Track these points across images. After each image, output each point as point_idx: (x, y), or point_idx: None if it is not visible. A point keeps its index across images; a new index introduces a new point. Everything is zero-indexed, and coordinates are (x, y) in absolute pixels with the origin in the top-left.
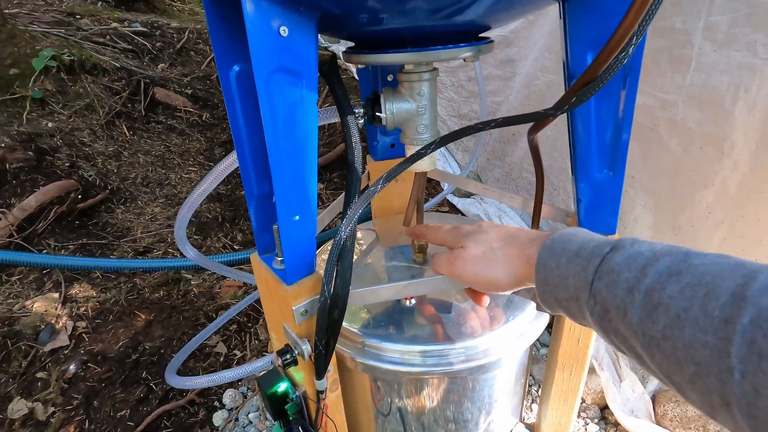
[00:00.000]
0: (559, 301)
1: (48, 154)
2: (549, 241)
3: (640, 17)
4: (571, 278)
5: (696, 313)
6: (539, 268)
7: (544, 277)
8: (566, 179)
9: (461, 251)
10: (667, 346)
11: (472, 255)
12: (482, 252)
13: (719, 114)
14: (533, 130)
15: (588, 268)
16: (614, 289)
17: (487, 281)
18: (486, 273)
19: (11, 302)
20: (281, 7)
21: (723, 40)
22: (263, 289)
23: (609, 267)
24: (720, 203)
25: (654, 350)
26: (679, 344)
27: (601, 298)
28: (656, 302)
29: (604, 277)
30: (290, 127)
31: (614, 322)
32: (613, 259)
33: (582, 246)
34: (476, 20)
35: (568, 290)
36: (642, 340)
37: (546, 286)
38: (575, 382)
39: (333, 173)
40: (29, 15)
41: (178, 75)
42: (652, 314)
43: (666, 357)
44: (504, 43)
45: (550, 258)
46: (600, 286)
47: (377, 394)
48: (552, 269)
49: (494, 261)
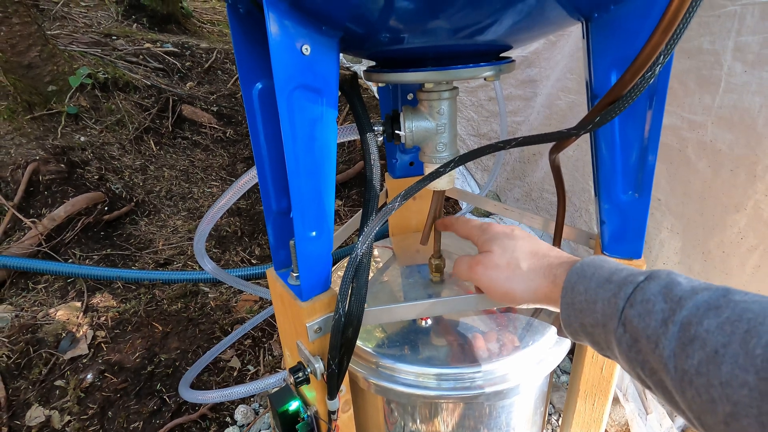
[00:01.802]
0: (584, 327)
1: (79, 167)
2: (579, 264)
3: (668, 36)
4: (600, 303)
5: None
6: (566, 290)
7: (571, 301)
8: (588, 200)
9: (485, 256)
10: (701, 382)
11: (495, 263)
12: (507, 262)
13: (751, 136)
14: (555, 149)
15: (619, 294)
16: (647, 319)
17: (504, 292)
18: (504, 284)
19: (35, 309)
20: (304, 26)
21: (754, 60)
22: (278, 305)
23: (643, 296)
24: (753, 228)
25: (686, 386)
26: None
27: (632, 327)
28: (692, 336)
29: (636, 305)
30: (309, 143)
31: (643, 353)
32: (648, 288)
33: (614, 272)
34: (497, 40)
35: (595, 316)
36: (673, 375)
37: (572, 310)
38: (598, 413)
39: (351, 190)
40: (69, 36)
41: (205, 93)
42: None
43: (699, 394)
44: (525, 64)
45: (579, 281)
46: (631, 314)
47: (390, 416)
48: (580, 293)
49: (517, 273)
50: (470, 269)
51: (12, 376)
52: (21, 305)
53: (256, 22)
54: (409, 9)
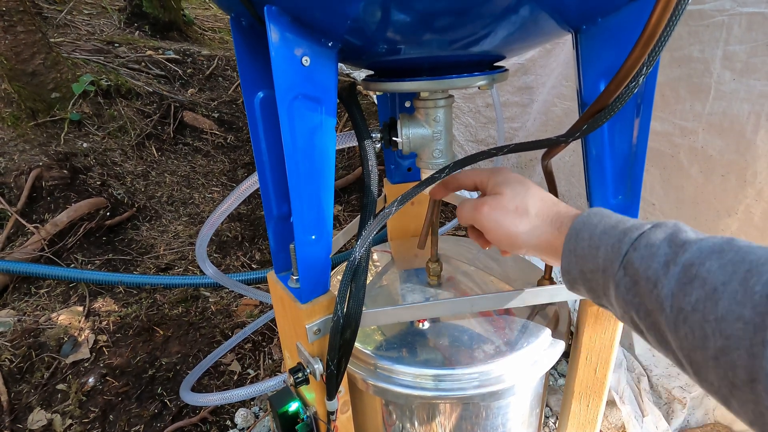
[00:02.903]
0: (583, 274)
1: (81, 173)
2: (586, 213)
3: (649, 48)
4: (603, 249)
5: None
6: (570, 237)
7: (573, 247)
8: (583, 205)
9: (493, 198)
10: (695, 318)
11: (503, 205)
12: (516, 206)
13: (740, 142)
14: (546, 156)
15: (624, 239)
16: (649, 261)
17: (507, 234)
18: (509, 227)
19: (38, 314)
20: (304, 39)
21: (742, 68)
22: (278, 307)
23: (647, 241)
24: (744, 232)
25: (680, 324)
26: (710, 317)
27: (633, 270)
28: (693, 275)
29: (640, 249)
30: (309, 150)
31: (641, 295)
32: (654, 234)
33: (620, 221)
34: (490, 51)
35: (596, 261)
36: (669, 313)
37: (573, 257)
38: (593, 414)
39: (351, 195)
40: (72, 43)
41: (206, 99)
42: (686, 287)
43: (692, 331)
44: (521, 71)
45: (584, 228)
46: (634, 257)
47: (388, 417)
48: (584, 239)
49: (524, 217)
50: (475, 209)
51: (14, 379)
52: (23, 310)
53: (258, 34)
54: (405, 22)
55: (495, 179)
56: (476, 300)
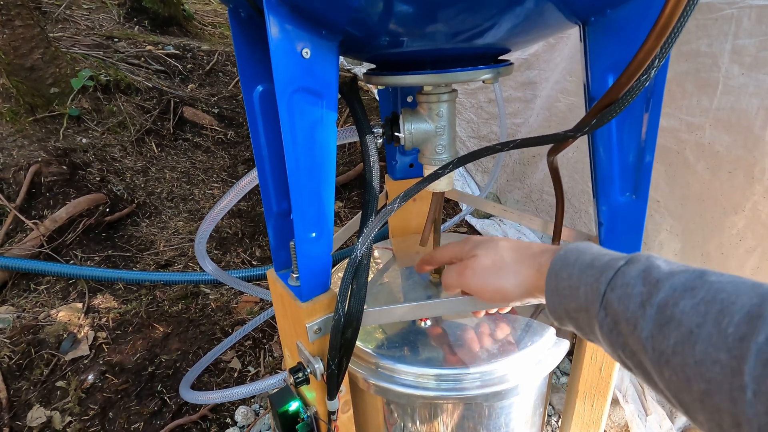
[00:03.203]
0: (568, 313)
1: (81, 169)
2: (563, 251)
3: (662, 39)
4: (582, 288)
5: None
6: (550, 277)
7: (555, 287)
8: (588, 202)
9: (471, 261)
10: (676, 362)
11: (482, 264)
12: (492, 261)
13: (749, 138)
14: (553, 151)
15: (601, 279)
16: (626, 302)
17: (495, 290)
18: (494, 282)
19: (37, 311)
20: (304, 30)
21: (752, 62)
22: (278, 306)
23: (623, 280)
24: (751, 230)
25: (663, 366)
26: (689, 360)
27: (612, 311)
28: (668, 317)
29: (617, 289)
30: (309, 145)
31: (624, 335)
32: (628, 272)
33: (596, 258)
34: (495, 43)
35: (578, 301)
36: (651, 355)
37: (556, 296)
38: (597, 414)
39: (352, 192)
40: (71, 38)
41: (206, 95)
42: (664, 329)
43: (675, 374)
44: (524, 66)
45: (563, 268)
46: (612, 298)
47: (390, 417)
48: (563, 279)
49: (504, 270)
50: (459, 276)
51: (13, 376)
52: (22, 306)
53: (257, 26)
54: (408, 13)
55: (466, 247)
56: (479, 299)
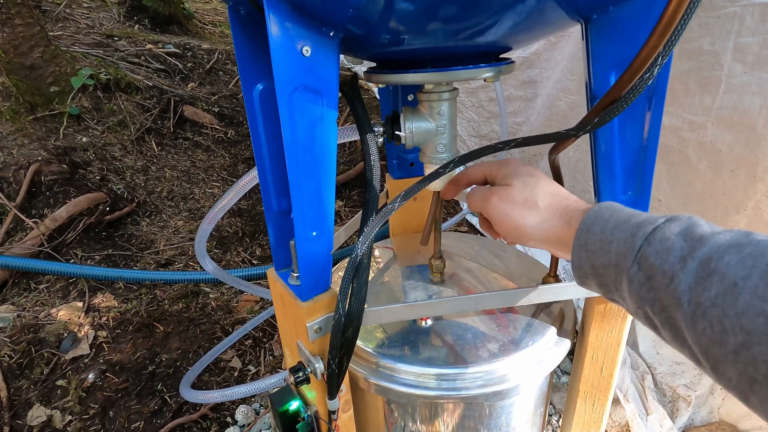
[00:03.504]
0: (594, 269)
1: (81, 168)
2: (597, 207)
3: (666, 37)
4: (615, 243)
5: (755, 281)
6: (581, 231)
7: (584, 242)
8: (589, 201)
9: (503, 189)
10: (714, 314)
11: (512, 196)
12: (525, 198)
13: (751, 137)
14: (554, 150)
15: (637, 234)
16: (664, 255)
17: (515, 226)
18: (517, 219)
19: (37, 309)
20: (305, 28)
21: (754, 61)
22: (278, 305)
23: (663, 235)
24: (754, 229)
25: (698, 319)
26: (730, 312)
27: (647, 265)
28: (711, 270)
29: (655, 243)
30: (310, 144)
31: (656, 290)
32: (668, 228)
33: (633, 215)
34: (496, 41)
35: (608, 256)
36: (686, 309)
37: (584, 252)
38: (598, 414)
39: (352, 191)
40: (71, 37)
41: (206, 94)
42: (705, 281)
43: (711, 325)
44: (525, 65)
45: (596, 222)
46: (649, 251)
47: (390, 416)
48: (595, 233)
49: (533, 211)
50: (484, 199)
51: (14, 375)
52: (23, 305)
53: (257, 23)
54: (409, 11)
55: (505, 170)
56: (481, 298)
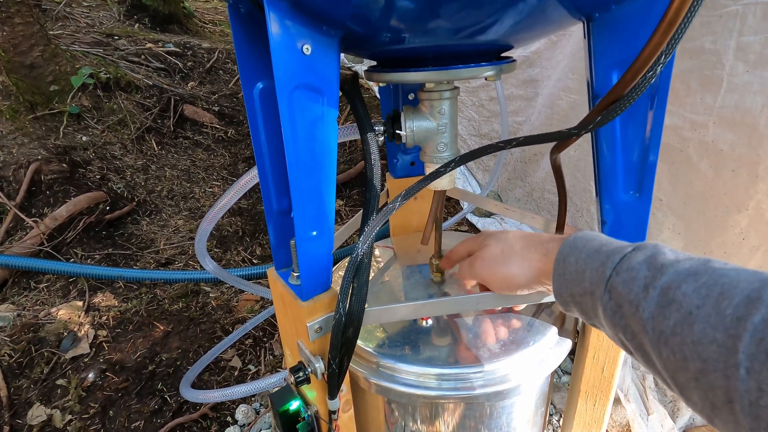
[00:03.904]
0: (573, 296)
1: (81, 167)
2: (572, 237)
3: (669, 36)
4: (588, 272)
5: (708, 310)
6: (558, 262)
7: (562, 271)
8: (589, 200)
9: (482, 251)
10: (675, 342)
11: (491, 253)
12: (501, 249)
13: (753, 136)
14: (556, 149)
15: (607, 263)
16: (630, 285)
17: (504, 278)
18: (503, 270)
19: (37, 309)
20: (305, 26)
21: (756, 60)
22: (279, 304)
23: (629, 264)
24: (755, 229)
25: (662, 346)
26: (687, 340)
27: (617, 294)
28: (670, 299)
29: (622, 273)
30: (310, 143)
31: (626, 317)
32: (634, 258)
33: (604, 244)
34: (498, 40)
35: (583, 285)
36: (651, 335)
37: (563, 280)
38: (599, 413)
39: (353, 190)
40: (71, 36)
41: (206, 93)
42: (665, 310)
43: (673, 353)
44: (526, 64)
45: (571, 253)
46: (617, 281)
47: (391, 416)
48: (571, 264)
49: (513, 257)
50: (471, 267)
51: (14, 375)
52: (23, 304)
53: (257, 22)
54: (410, 9)
55: (479, 240)
56: (481, 298)
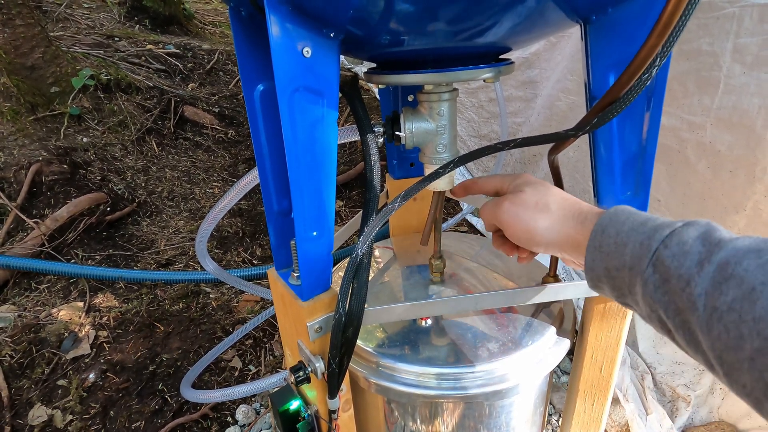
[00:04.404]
0: (608, 271)
1: (81, 168)
2: (613, 209)
3: (664, 38)
4: (630, 246)
5: None
6: (596, 233)
7: (599, 244)
8: (589, 201)
9: (515, 194)
10: (731, 319)
11: (524, 200)
12: (536, 201)
13: (750, 137)
14: (554, 150)
15: (653, 237)
16: (681, 259)
17: (527, 230)
18: (529, 221)
19: (38, 309)
20: (305, 29)
21: (753, 62)
22: (279, 305)
23: (680, 238)
24: (753, 229)
25: (714, 323)
26: (747, 317)
27: (663, 268)
28: (729, 274)
29: (672, 246)
30: (310, 144)
31: (671, 293)
32: (686, 232)
33: (649, 219)
34: (496, 42)
35: (622, 258)
36: (701, 313)
37: (598, 254)
38: (598, 413)
39: (352, 191)
40: (72, 37)
41: (206, 94)
42: (722, 286)
43: (727, 331)
44: (525, 65)
45: (611, 224)
46: (665, 254)
47: (390, 416)
48: (610, 236)
49: (545, 213)
50: (497, 207)
51: (15, 375)
52: (24, 305)
53: (257, 25)
54: (409, 12)
55: (516, 181)
56: (480, 298)
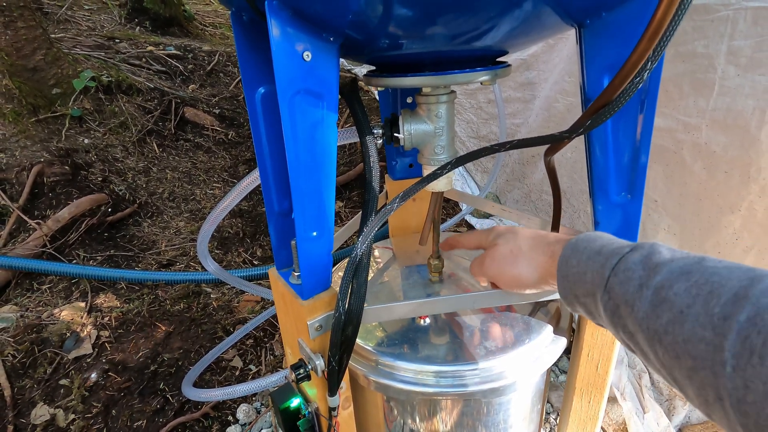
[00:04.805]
0: (577, 297)
1: (83, 169)
2: (574, 239)
3: (655, 42)
4: (589, 274)
5: (698, 309)
6: (561, 264)
7: (565, 273)
8: (586, 202)
9: (492, 250)
10: (668, 340)
11: (501, 252)
12: (510, 250)
13: (745, 138)
14: (549, 152)
15: (606, 265)
16: (626, 286)
17: (512, 277)
18: (511, 270)
19: (40, 310)
20: (305, 33)
21: (747, 63)
22: (280, 304)
23: (626, 265)
24: (747, 229)
25: (656, 345)
26: (679, 339)
27: (614, 294)
28: (662, 298)
29: (619, 273)
30: (310, 146)
31: (623, 317)
32: (631, 258)
33: (604, 246)
34: (493, 45)
35: (585, 286)
36: (646, 335)
37: (566, 282)
38: (594, 410)
39: (352, 192)
40: (73, 39)
41: (207, 95)
42: (657, 309)
43: (667, 351)
44: (524, 67)
45: (573, 255)
46: (615, 282)
47: (390, 413)
48: (573, 266)
49: (520, 257)
50: (481, 265)
51: (17, 375)
52: (26, 305)
53: (258, 29)
54: (407, 17)
55: (490, 236)
56: (478, 297)
